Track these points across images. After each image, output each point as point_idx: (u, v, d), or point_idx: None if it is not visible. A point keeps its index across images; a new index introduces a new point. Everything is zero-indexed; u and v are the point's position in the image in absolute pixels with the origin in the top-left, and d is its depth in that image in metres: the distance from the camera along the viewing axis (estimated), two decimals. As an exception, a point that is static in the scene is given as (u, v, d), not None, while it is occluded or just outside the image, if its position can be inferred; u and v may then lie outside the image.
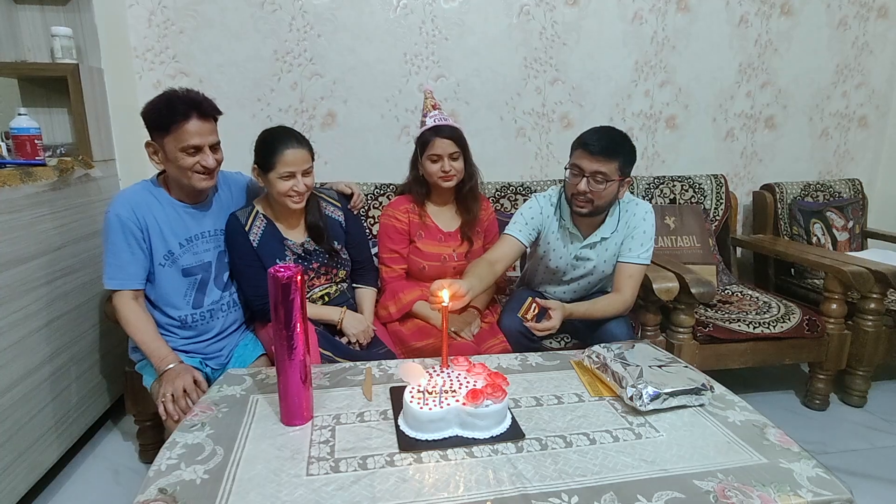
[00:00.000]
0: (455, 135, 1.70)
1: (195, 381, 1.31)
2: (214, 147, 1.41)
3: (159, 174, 1.48)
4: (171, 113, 1.33)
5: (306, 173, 1.50)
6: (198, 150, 1.36)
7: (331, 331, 1.61)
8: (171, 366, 1.34)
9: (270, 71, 2.22)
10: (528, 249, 1.77)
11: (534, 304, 1.47)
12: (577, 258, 1.70)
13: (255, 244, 1.54)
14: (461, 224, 1.81)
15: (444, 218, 1.82)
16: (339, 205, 1.71)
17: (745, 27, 2.51)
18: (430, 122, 1.73)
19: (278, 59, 2.21)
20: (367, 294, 1.76)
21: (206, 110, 1.37)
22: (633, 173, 2.46)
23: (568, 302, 1.63)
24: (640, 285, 1.65)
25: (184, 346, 1.48)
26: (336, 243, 1.65)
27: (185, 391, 1.28)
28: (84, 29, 1.86)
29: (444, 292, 1.22)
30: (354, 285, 1.77)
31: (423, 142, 1.71)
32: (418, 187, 1.78)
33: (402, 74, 2.30)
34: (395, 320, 1.74)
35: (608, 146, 1.50)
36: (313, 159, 1.54)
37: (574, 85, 2.44)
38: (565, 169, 1.59)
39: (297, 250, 1.59)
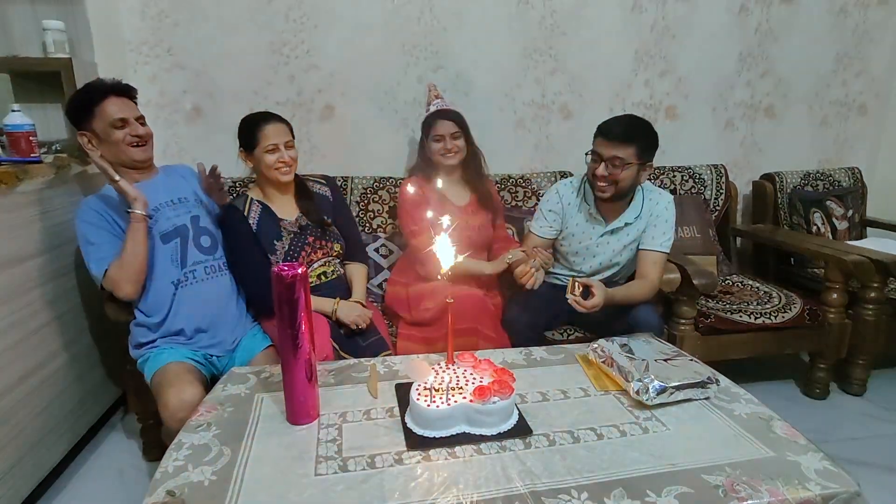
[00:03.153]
0: (456, 117, 1.84)
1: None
2: (140, 120, 1.51)
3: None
4: (88, 96, 1.45)
5: (289, 146, 1.62)
6: (125, 122, 1.46)
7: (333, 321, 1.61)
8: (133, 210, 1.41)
9: (267, 63, 2.19)
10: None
11: (577, 283, 1.48)
12: (597, 244, 1.73)
13: (254, 229, 1.60)
14: (477, 199, 1.91)
15: (455, 194, 1.92)
16: (324, 182, 1.83)
17: (745, 15, 2.49)
18: (433, 109, 1.89)
19: (275, 51, 2.18)
20: (356, 269, 1.80)
21: (121, 89, 1.49)
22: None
23: None
24: (662, 272, 1.69)
25: (185, 343, 1.48)
26: (326, 217, 1.72)
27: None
28: (76, 22, 1.83)
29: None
30: (345, 262, 1.80)
31: (426, 124, 1.86)
32: (427, 168, 1.88)
33: (400, 66, 2.28)
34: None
35: (624, 132, 1.56)
36: (293, 136, 1.66)
37: (574, 75, 2.42)
38: (586, 154, 1.66)
39: (293, 228, 1.65)
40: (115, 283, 1.41)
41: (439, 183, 1.86)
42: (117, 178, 1.40)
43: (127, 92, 1.51)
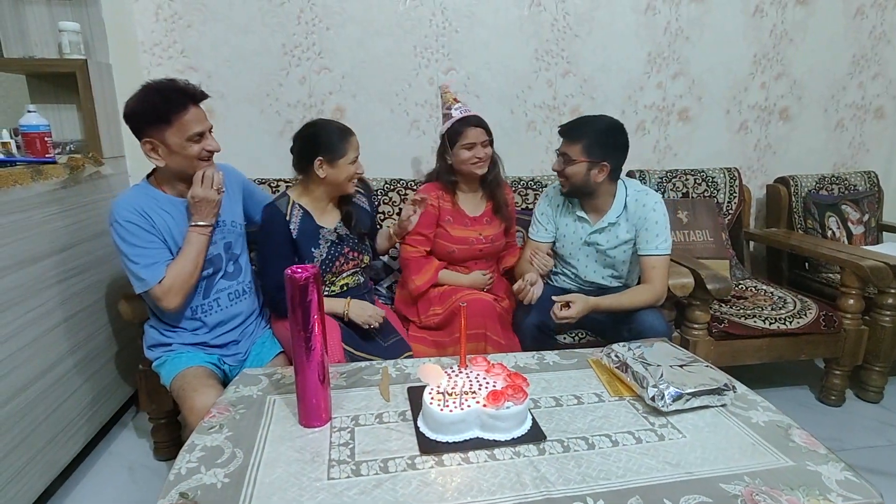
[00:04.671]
0: (483, 123, 1.79)
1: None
2: (211, 130, 1.42)
3: (149, 175, 1.45)
4: (168, 105, 1.31)
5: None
6: (201, 136, 1.37)
7: (347, 323, 1.61)
8: (202, 223, 1.39)
9: (279, 65, 2.20)
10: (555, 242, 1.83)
11: (559, 305, 1.50)
12: (587, 243, 1.73)
13: (294, 234, 1.56)
14: (492, 207, 1.88)
15: (470, 204, 1.89)
16: (362, 191, 1.77)
17: (759, 17, 2.47)
18: (457, 114, 1.80)
19: (286, 52, 2.19)
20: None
21: (199, 96, 1.37)
22: (643, 166, 2.49)
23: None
24: (667, 275, 1.66)
25: (197, 340, 1.48)
26: (363, 229, 1.70)
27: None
28: (91, 24, 1.84)
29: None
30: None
31: (454, 132, 1.77)
32: (449, 176, 1.83)
33: (411, 68, 2.27)
34: (423, 292, 1.79)
35: (571, 129, 1.62)
36: None
37: (586, 77, 2.41)
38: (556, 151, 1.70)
39: (331, 237, 1.62)
40: (167, 293, 1.35)
41: (458, 195, 1.85)
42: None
43: (203, 99, 1.38)
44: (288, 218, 1.56)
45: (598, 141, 1.59)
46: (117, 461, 1.73)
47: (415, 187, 2.21)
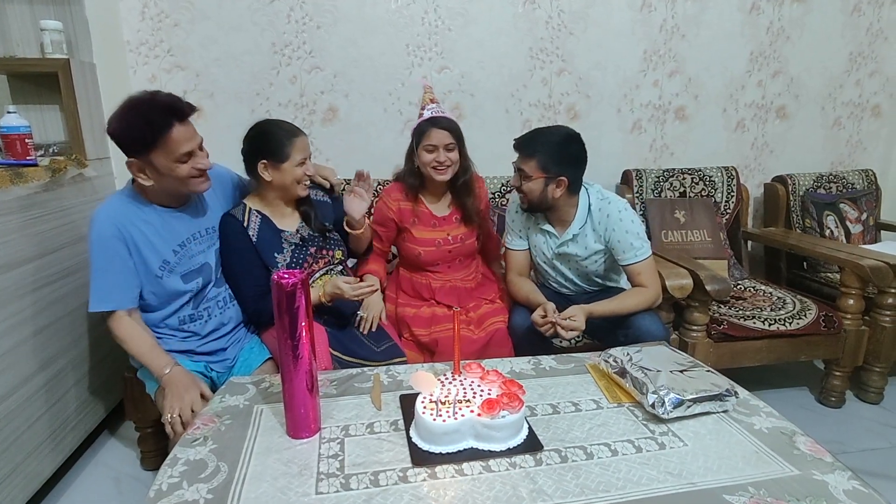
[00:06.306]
0: (451, 126, 1.67)
1: (203, 396, 1.27)
2: (201, 145, 1.34)
3: (135, 179, 1.34)
4: (152, 127, 1.22)
5: (309, 157, 1.54)
6: (190, 154, 1.29)
7: (338, 326, 1.57)
8: (167, 371, 1.30)
9: (269, 64, 2.15)
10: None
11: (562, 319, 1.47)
12: (558, 255, 1.69)
13: (253, 241, 1.50)
14: (462, 217, 1.79)
15: (437, 204, 1.80)
16: (320, 187, 1.71)
17: (756, 14, 2.44)
18: (427, 115, 1.71)
19: (277, 51, 2.14)
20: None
21: (185, 112, 1.27)
22: (640, 165, 2.46)
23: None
24: (657, 275, 1.63)
25: (185, 347, 1.44)
26: (326, 223, 1.63)
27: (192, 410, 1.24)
28: (75, 22, 1.79)
29: None
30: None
31: (419, 132, 1.68)
32: (412, 179, 1.74)
33: (404, 66, 2.24)
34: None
35: (525, 144, 1.56)
36: None
37: (581, 76, 2.37)
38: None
39: (294, 239, 1.55)
40: (110, 330, 1.34)
41: (423, 196, 1.77)
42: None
43: (190, 113, 1.28)
44: (245, 224, 1.50)
45: (553, 155, 1.52)
46: (103, 471, 1.68)
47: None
